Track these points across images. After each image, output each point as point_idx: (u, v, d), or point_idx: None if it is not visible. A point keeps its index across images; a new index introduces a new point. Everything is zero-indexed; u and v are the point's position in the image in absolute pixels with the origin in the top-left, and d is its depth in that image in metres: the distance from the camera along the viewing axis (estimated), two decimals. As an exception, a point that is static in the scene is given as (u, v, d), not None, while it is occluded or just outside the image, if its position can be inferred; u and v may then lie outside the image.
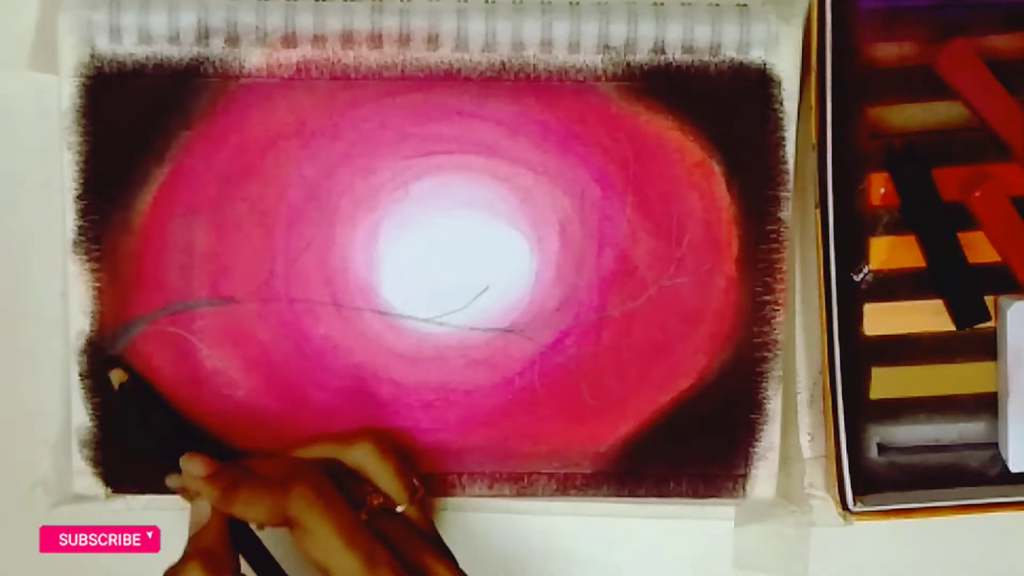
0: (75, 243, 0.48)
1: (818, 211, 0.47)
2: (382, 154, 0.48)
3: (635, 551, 0.51)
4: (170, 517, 0.50)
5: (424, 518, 0.45)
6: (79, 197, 0.48)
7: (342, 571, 0.41)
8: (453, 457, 0.49)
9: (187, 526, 0.45)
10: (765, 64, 0.47)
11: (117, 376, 0.48)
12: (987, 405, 0.49)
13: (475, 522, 0.50)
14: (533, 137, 0.48)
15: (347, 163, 0.48)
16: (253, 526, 0.45)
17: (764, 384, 0.49)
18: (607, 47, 0.47)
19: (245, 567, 0.44)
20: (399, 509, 0.44)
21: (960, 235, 0.48)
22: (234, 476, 0.44)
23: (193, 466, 0.45)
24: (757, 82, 0.47)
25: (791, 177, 0.48)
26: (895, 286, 0.48)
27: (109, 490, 0.49)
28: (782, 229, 0.48)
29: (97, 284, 0.48)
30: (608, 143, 0.48)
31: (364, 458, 0.45)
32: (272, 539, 0.45)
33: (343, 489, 0.43)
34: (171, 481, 0.46)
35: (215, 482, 0.44)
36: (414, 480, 0.45)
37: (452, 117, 0.48)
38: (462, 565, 0.43)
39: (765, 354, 0.49)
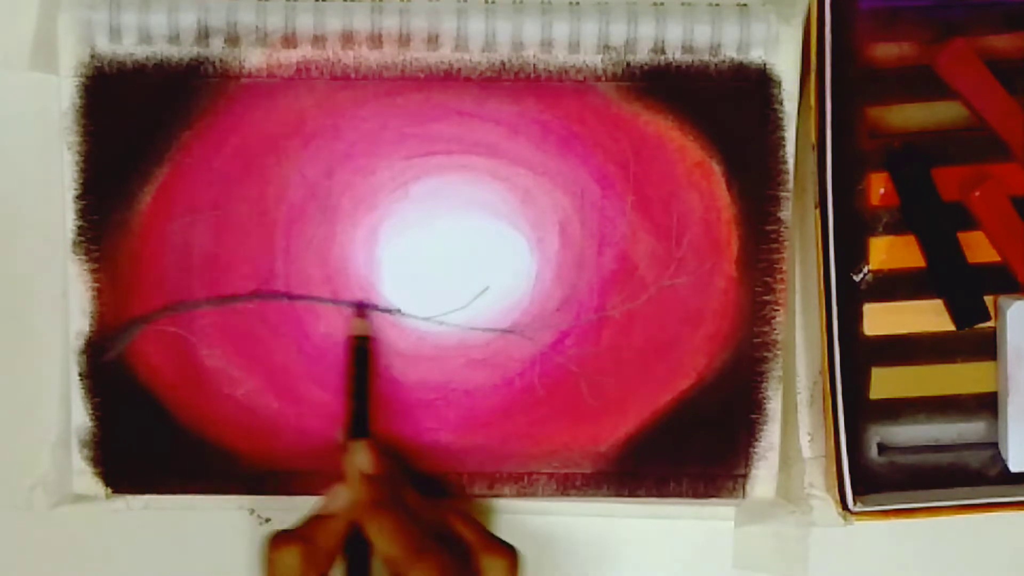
0: (75, 243, 0.48)
1: (818, 211, 0.47)
2: (382, 154, 0.48)
3: (635, 551, 0.51)
4: (171, 517, 0.50)
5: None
6: (79, 197, 0.48)
7: None
8: (453, 457, 0.49)
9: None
10: (765, 64, 0.47)
11: (361, 326, 0.47)
12: (987, 405, 0.49)
13: (475, 522, 0.50)
14: (533, 137, 0.48)
15: (347, 163, 0.48)
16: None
17: (764, 384, 0.49)
18: (607, 47, 0.47)
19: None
20: None
21: (960, 235, 0.48)
22: (388, 496, 0.43)
23: (362, 457, 0.44)
24: (757, 82, 0.47)
25: (791, 177, 0.48)
26: (895, 286, 0.48)
27: (109, 490, 0.49)
28: (782, 229, 0.48)
29: (97, 284, 0.48)
30: (608, 143, 0.48)
31: (494, 569, 0.43)
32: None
33: None
34: (339, 435, 0.45)
35: (371, 487, 0.43)
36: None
37: (452, 117, 0.48)
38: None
39: (765, 354, 0.49)
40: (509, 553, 0.44)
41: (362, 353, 0.47)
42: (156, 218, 0.48)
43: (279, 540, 0.42)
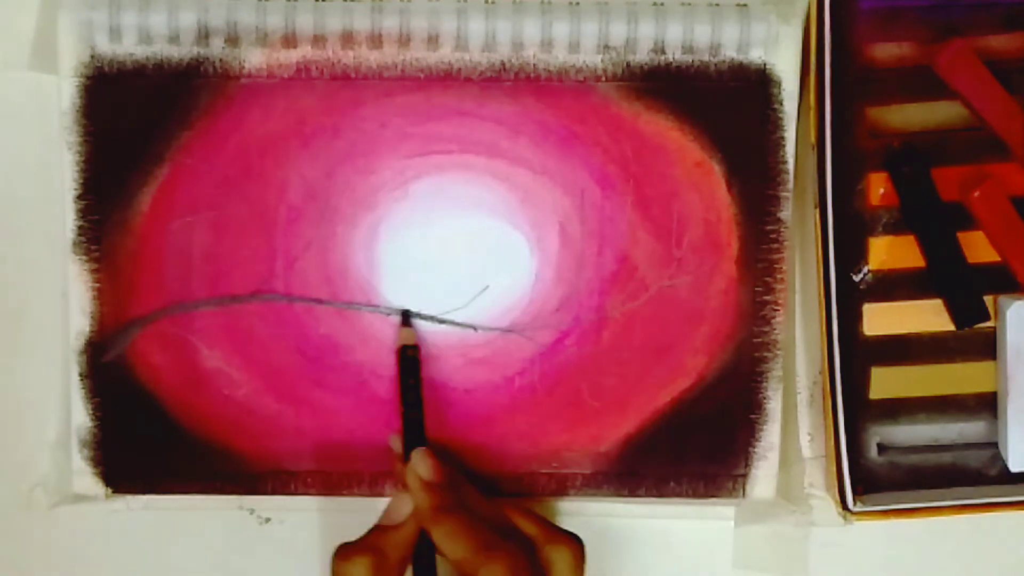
0: (75, 243, 0.48)
1: (817, 211, 0.47)
2: (382, 154, 0.48)
3: (635, 551, 0.51)
4: (171, 517, 0.50)
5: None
6: (79, 197, 0.48)
7: None
8: (453, 457, 0.49)
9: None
10: (765, 64, 0.47)
11: (407, 335, 0.47)
12: (987, 405, 0.49)
13: (475, 522, 0.50)
14: (533, 137, 0.48)
15: (347, 163, 0.48)
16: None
17: (764, 384, 0.49)
18: (607, 47, 0.47)
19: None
20: None
21: (959, 235, 0.48)
22: (451, 500, 0.43)
23: (421, 465, 0.44)
24: (757, 82, 0.47)
25: (791, 177, 0.48)
26: (894, 286, 0.48)
27: (109, 490, 0.49)
28: (782, 229, 0.48)
29: (97, 284, 0.48)
30: (608, 143, 0.48)
31: (560, 560, 0.43)
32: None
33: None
34: (393, 443, 0.45)
35: (432, 493, 0.43)
36: None
37: (452, 117, 0.48)
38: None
39: (765, 354, 0.49)
40: (574, 543, 0.44)
41: (412, 362, 0.47)
42: (156, 218, 0.48)
43: (347, 552, 0.42)
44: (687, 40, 0.47)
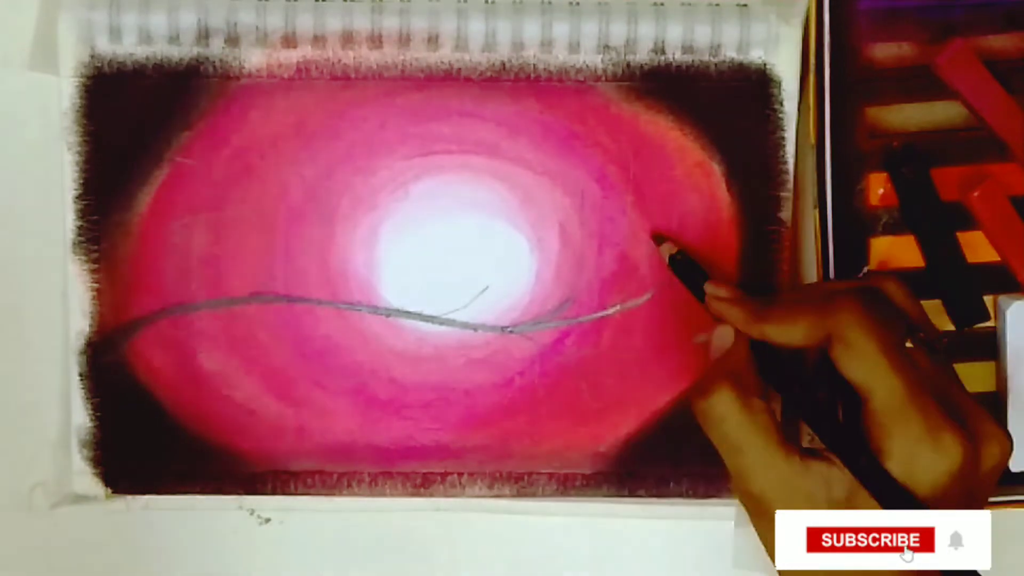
0: (75, 243, 0.48)
1: (817, 211, 0.47)
2: (382, 154, 0.48)
3: (635, 551, 0.51)
4: (171, 517, 0.50)
5: (952, 368, 0.42)
6: (79, 197, 0.48)
7: (885, 390, 0.38)
8: (453, 457, 0.49)
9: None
10: (765, 64, 0.47)
11: (667, 249, 0.47)
12: (987, 405, 0.48)
13: (475, 522, 0.50)
14: (533, 137, 0.48)
15: (347, 163, 0.48)
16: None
17: (764, 384, 0.49)
18: (607, 47, 0.47)
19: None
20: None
21: (959, 235, 0.48)
22: (763, 299, 0.42)
23: (719, 290, 0.44)
24: (757, 82, 0.47)
25: (791, 177, 0.48)
26: (894, 286, 0.48)
27: (109, 490, 0.49)
28: (782, 229, 0.48)
29: (97, 284, 0.48)
30: (608, 143, 0.48)
31: (897, 293, 0.42)
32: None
33: (886, 317, 0.40)
34: (709, 291, 0.45)
35: (744, 304, 0.43)
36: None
37: (452, 117, 0.48)
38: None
39: (765, 354, 0.49)
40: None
41: (682, 266, 0.47)
42: (156, 218, 0.48)
43: (702, 390, 0.40)
44: (687, 40, 0.47)
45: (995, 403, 0.48)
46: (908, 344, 0.40)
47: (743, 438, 0.40)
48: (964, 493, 0.39)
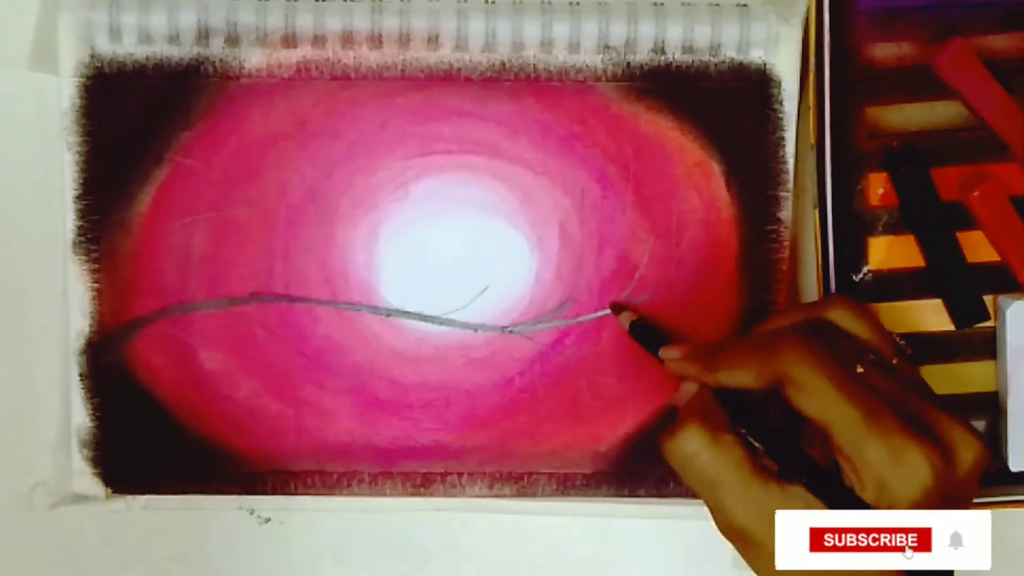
0: (75, 243, 0.48)
1: (817, 211, 0.47)
2: (382, 154, 0.48)
3: (635, 551, 0.51)
4: (171, 517, 0.50)
5: (916, 374, 0.42)
6: (79, 197, 0.48)
7: (843, 423, 0.38)
8: (453, 457, 0.49)
9: None
10: (765, 64, 0.47)
11: (627, 317, 0.47)
12: (987, 405, 0.49)
13: (475, 522, 0.50)
14: (533, 137, 0.48)
15: (347, 163, 0.48)
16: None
17: (764, 384, 0.49)
18: (607, 47, 0.47)
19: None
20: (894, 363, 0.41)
21: (959, 235, 0.48)
22: (712, 348, 0.42)
23: (669, 352, 0.44)
24: (757, 82, 0.47)
25: (791, 177, 0.48)
26: (894, 286, 0.48)
27: (109, 490, 0.49)
28: (782, 229, 0.48)
29: (97, 284, 0.48)
30: (608, 143, 0.48)
31: (843, 317, 0.42)
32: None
33: (832, 347, 0.40)
34: (663, 355, 0.45)
35: (697, 359, 0.43)
36: (898, 339, 0.43)
37: (452, 117, 0.48)
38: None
39: (765, 354, 0.49)
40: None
41: (640, 331, 0.47)
42: (156, 218, 0.48)
43: (671, 430, 0.40)
44: (687, 40, 0.47)
45: (995, 403, 0.48)
46: (859, 369, 0.40)
47: (717, 473, 0.39)
48: (946, 501, 0.38)
